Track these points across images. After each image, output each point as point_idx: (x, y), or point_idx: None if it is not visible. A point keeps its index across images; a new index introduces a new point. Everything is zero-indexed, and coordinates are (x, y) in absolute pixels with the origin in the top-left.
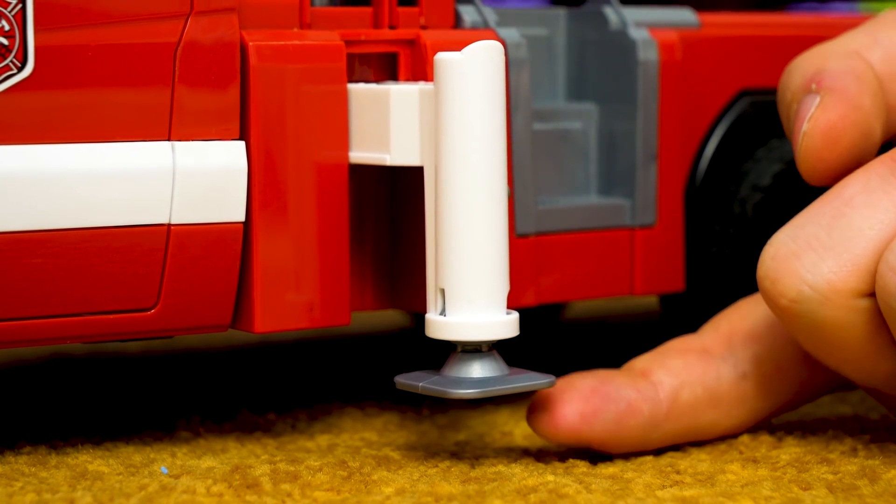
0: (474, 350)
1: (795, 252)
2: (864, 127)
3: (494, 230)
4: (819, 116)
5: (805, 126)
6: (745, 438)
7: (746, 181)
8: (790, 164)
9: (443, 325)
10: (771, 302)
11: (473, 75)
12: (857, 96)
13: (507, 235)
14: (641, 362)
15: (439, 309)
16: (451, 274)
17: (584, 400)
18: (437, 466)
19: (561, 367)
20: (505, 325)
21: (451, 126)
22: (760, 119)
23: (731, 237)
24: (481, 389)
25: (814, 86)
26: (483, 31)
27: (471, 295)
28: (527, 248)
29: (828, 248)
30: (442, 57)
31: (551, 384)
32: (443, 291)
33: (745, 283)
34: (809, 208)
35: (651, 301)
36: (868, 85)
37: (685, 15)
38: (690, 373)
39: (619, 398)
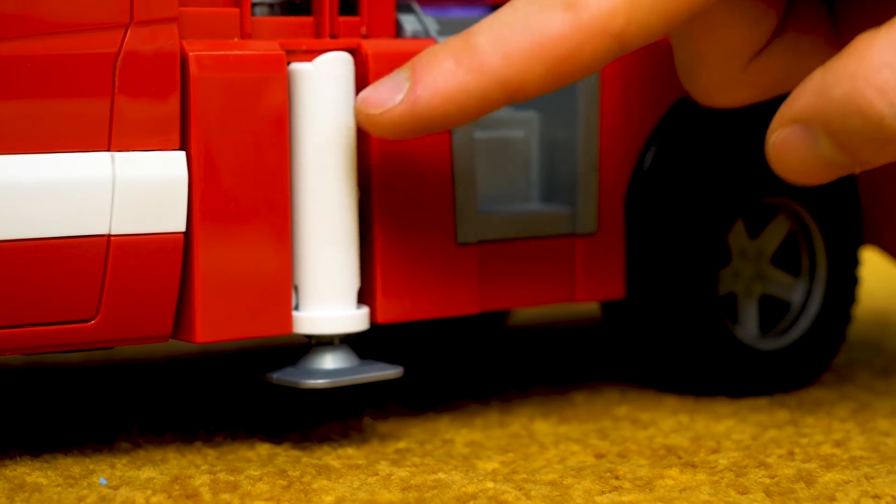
0: (327, 343)
1: None
2: None
3: (343, 230)
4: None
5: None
6: (684, 443)
7: (688, 189)
8: (730, 171)
9: (296, 319)
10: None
11: (324, 84)
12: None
13: (356, 235)
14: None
15: (293, 304)
16: (303, 271)
17: None
18: (376, 475)
19: (504, 373)
20: (354, 319)
21: (303, 132)
22: (700, 127)
23: (674, 244)
24: (332, 380)
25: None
26: (424, 40)
27: (321, 291)
28: (468, 257)
29: None
30: (294, 67)
31: (399, 374)
32: (297, 288)
33: (687, 288)
34: None
35: (593, 308)
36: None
37: None
38: None
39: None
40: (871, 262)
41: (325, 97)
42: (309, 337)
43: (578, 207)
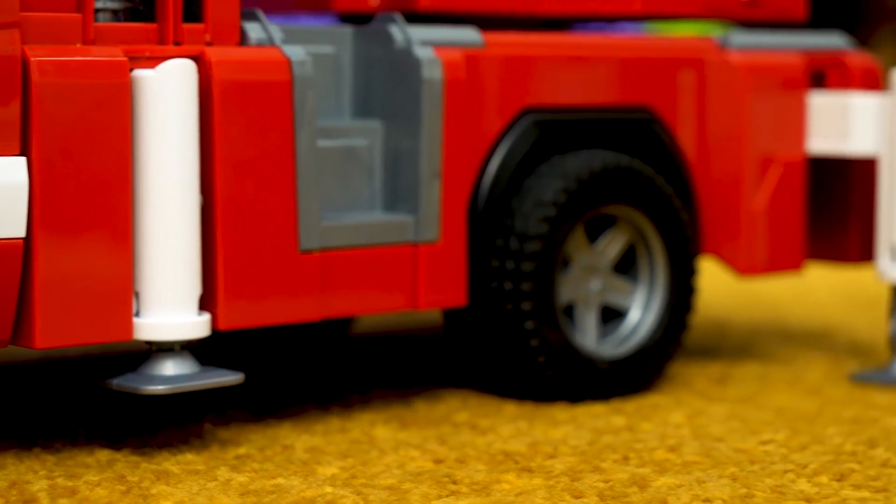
0: (168, 349)
1: None
2: None
3: (184, 237)
4: None
5: None
6: (522, 449)
7: (529, 197)
8: (571, 179)
9: (137, 325)
10: None
11: (166, 91)
12: None
13: (198, 242)
14: None
15: (134, 311)
16: (143, 278)
17: None
18: (216, 480)
19: (347, 379)
20: (195, 325)
21: (145, 138)
22: (543, 136)
23: (514, 252)
24: (172, 386)
25: None
26: (268, 48)
27: (162, 298)
28: (311, 264)
29: None
30: (137, 74)
31: (240, 381)
32: (137, 294)
33: (527, 296)
34: None
35: (436, 315)
36: None
37: (470, 34)
38: None
39: None
40: (710, 271)
41: (167, 104)
42: (149, 343)
43: (421, 216)
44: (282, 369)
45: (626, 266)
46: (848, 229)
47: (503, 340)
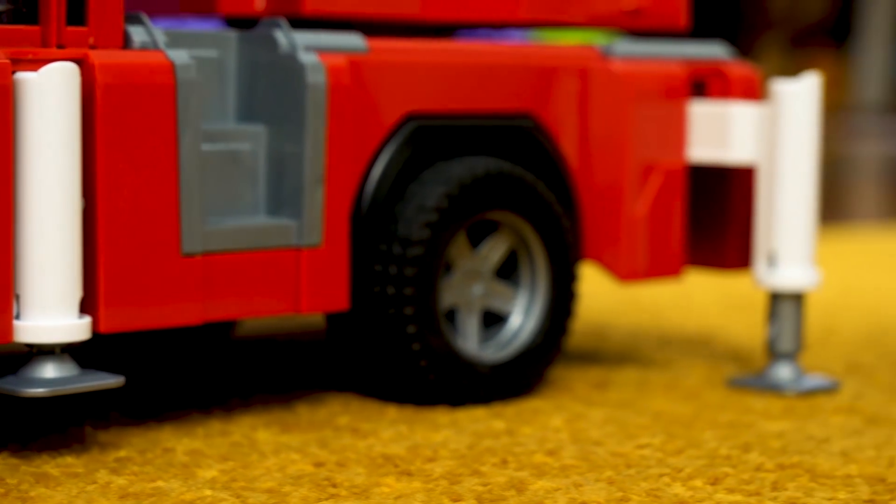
0: (48, 352)
1: None
2: None
3: (65, 240)
4: None
5: None
6: (401, 452)
7: (413, 202)
8: (454, 185)
9: (17, 328)
10: None
11: (49, 94)
12: None
13: (79, 245)
14: None
15: (14, 313)
16: (24, 280)
17: None
18: (95, 483)
19: (228, 382)
20: (75, 328)
21: (27, 141)
22: (427, 142)
23: (396, 257)
24: (52, 388)
25: None
26: (152, 51)
27: (42, 300)
28: (193, 268)
29: None
30: (19, 76)
31: (120, 383)
32: (18, 297)
33: (410, 300)
34: None
35: (318, 319)
36: None
37: (354, 40)
38: None
39: None
40: (591, 277)
41: (50, 107)
42: (30, 346)
43: (304, 220)
44: (163, 372)
45: (508, 271)
46: (727, 237)
47: (385, 344)
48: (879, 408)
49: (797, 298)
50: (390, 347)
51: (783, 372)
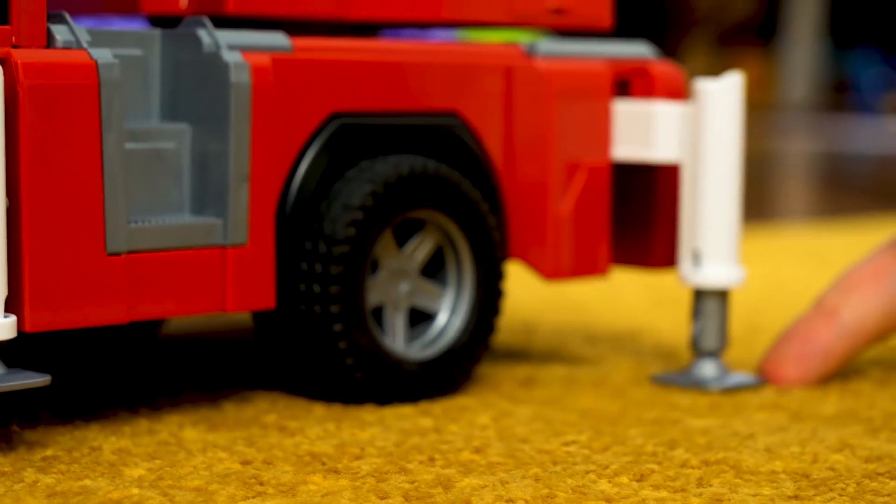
0: None
1: None
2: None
3: None
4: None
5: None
6: (329, 450)
7: (337, 201)
8: (379, 183)
9: None
10: None
11: None
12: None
13: (3, 244)
14: (829, 300)
15: None
16: None
17: (796, 365)
18: (22, 482)
19: (155, 381)
20: (1, 327)
21: None
22: (351, 141)
23: (322, 255)
24: None
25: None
26: (75, 50)
27: None
28: (118, 266)
29: None
30: None
31: (47, 382)
32: None
33: (336, 299)
34: None
35: (245, 317)
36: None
37: (278, 39)
38: (868, 302)
39: (819, 351)
40: (518, 275)
41: None
42: None
43: (229, 218)
44: (90, 371)
45: (434, 269)
46: (653, 236)
47: (312, 343)
48: (803, 404)
49: (721, 296)
50: (317, 346)
51: (707, 369)
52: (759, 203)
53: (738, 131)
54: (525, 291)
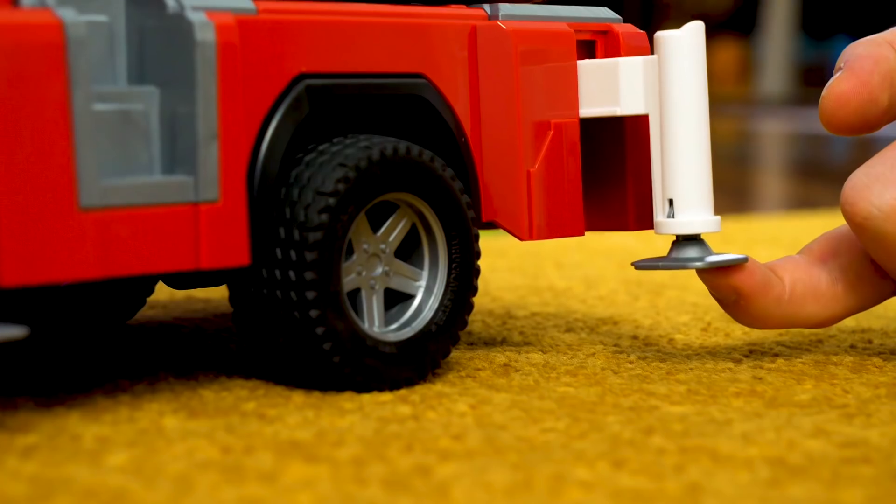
0: None
1: (867, 184)
2: (869, 97)
3: None
4: (834, 86)
5: (824, 91)
6: (308, 438)
7: (308, 187)
8: (350, 167)
9: None
10: (849, 220)
11: None
12: (868, 74)
13: None
14: (773, 266)
15: None
16: None
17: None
18: (4, 469)
19: (135, 369)
20: None
21: None
22: (319, 102)
23: (296, 242)
24: None
25: (842, 63)
26: (41, 10)
27: None
28: (91, 222)
29: (891, 181)
30: None
31: (25, 334)
32: None
33: (310, 285)
34: (880, 154)
35: (225, 305)
36: (880, 66)
37: (242, 1)
38: (802, 273)
39: (772, 283)
40: (497, 265)
41: None
42: None
43: (199, 175)
44: (70, 359)
45: (409, 250)
46: (625, 198)
47: (289, 329)
48: (779, 391)
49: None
50: (294, 332)
51: (691, 250)
52: (736, 195)
53: (703, 77)
54: (503, 278)
